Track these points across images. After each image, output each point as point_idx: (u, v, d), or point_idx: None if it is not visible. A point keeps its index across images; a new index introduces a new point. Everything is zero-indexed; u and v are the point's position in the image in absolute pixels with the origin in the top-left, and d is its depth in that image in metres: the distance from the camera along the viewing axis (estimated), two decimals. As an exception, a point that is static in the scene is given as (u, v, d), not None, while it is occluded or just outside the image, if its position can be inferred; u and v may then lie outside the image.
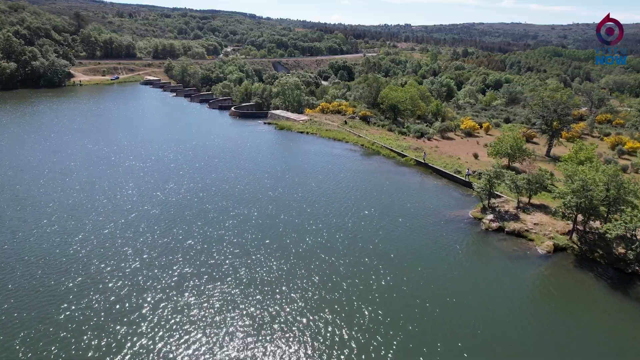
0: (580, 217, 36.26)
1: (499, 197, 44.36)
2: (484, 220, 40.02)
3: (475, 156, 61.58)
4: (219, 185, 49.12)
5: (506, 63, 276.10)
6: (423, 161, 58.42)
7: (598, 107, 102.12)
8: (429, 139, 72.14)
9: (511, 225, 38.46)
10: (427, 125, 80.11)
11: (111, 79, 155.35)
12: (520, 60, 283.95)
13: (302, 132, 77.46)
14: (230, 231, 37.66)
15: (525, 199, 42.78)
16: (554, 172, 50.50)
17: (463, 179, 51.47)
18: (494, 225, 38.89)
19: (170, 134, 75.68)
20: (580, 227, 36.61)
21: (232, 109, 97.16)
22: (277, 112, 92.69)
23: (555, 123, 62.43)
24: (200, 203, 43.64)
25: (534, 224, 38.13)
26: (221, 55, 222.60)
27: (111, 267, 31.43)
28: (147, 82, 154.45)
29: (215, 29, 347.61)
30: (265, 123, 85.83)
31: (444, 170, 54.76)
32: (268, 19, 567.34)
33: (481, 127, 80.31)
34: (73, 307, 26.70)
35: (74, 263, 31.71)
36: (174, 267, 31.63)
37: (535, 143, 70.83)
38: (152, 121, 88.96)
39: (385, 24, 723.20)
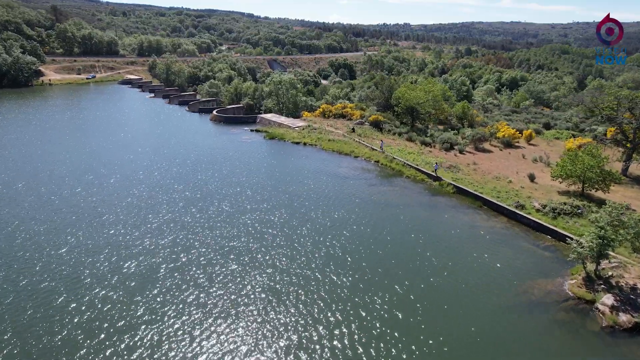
0: None
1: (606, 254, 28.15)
2: (601, 308, 23.60)
3: (531, 178, 45.47)
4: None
5: (514, 61, 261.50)
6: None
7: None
8: (461, 152, 56.00)
9: (657, 322, 22.21)
10: (454, 133, 64.17)
11: (86, 78, 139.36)
12: (530, 58, 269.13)
13: (298, 143, 60.91)
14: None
15: (652, 262, 26.72)
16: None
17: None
18: (624, 319, 22.45)
19: (122, 152, 57.17)
20: None
21: (214, 112, 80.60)
22: (268, 116, 76.23)
23: (639, 133, 46.46)
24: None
25: (700, 320, 21.93)
26: (214, 53, 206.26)
27: None
28: (126, 82, 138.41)
29: (210, 27, 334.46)
30: (252, 130, 69.30)
31: (498, 202, 38.50)
32: (266, 18, 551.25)
33: (521, 134, 64.32)
34: None
35: None
36: None
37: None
38: (110, 132, 67.51)
39: (384, 23, 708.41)
